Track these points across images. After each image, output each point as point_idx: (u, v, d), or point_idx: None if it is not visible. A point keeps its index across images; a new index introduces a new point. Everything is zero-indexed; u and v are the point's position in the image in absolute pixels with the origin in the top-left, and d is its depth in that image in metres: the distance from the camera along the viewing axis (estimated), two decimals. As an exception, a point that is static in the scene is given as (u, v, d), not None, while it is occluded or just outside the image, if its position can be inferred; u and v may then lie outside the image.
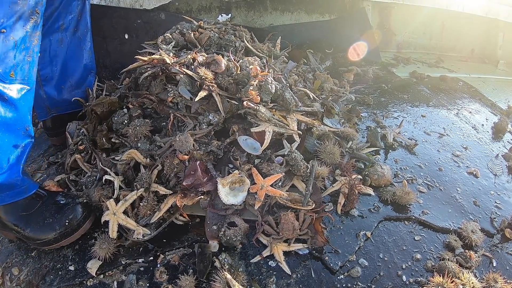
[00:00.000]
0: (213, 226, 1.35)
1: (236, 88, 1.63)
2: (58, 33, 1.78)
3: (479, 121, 2.25)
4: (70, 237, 1.36)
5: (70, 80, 1.91)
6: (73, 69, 1.91)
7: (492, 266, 1.34)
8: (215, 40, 2.02)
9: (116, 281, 1.26)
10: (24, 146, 1.31)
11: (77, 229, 1.37)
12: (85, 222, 1.39)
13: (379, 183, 1.57)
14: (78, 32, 1.86)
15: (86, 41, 1.94)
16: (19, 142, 1.28)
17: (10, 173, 1.25)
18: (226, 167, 1.50)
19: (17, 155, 1.28)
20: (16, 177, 1.29)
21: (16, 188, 1.30)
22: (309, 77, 2.16)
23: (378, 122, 2.02)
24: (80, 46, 1.91)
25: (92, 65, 2.01)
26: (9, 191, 1.29)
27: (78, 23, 1.85)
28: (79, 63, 1.93)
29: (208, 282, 1.20)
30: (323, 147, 1.59)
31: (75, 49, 1.88)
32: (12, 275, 1.34)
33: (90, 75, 2.00)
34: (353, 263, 1.28)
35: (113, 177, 1.45)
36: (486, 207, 1.58)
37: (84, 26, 1.88)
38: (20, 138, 1.29)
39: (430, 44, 3.58)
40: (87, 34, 1.93)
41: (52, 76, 1.83)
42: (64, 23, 1.78)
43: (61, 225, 1.33)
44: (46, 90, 1.84)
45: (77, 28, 1.85)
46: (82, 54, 1.93)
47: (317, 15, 2.89)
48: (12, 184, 1.28)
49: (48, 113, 1.91)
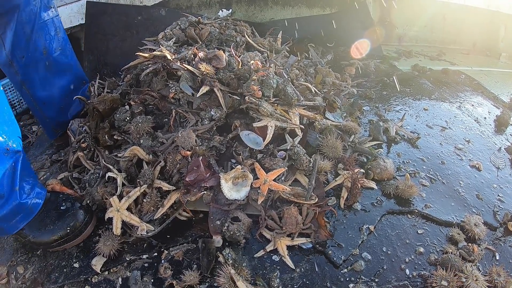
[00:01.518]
0: (216, 221, 1.35)
1: (238, 83, 1.63)
2: (42, 59, 1.71)
3: (481, 114, 2.24)
4: (72, 242, 1.36)
5: (68, 99, 1.86)
6: (67, 88, 1.85)
7: (495, 259, 1.35)
8: (216, 35, 2.01)
9: (120, 277, 1.26)
10: (13, 165, 1.23)
11: (79, 234, 1.36)
12: (87, 227, 1.39)
13: (381, 177, 1.57)
14: (60, 49, 1.79)
15: (71, 56, 1.87)
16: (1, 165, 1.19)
17: (7, 201, 1.22)
18: (229, 162, 1.50)
19: (7, 180, 1.21)
20: (14, 202, 1.24)
21: (20, 212, 1.28)
22: (310, 71, 2.15)
23: (380, 116, 2.01)
24: (67, 61, 1.85)
25: (82, 74, 1.97)
26: (16, 217, 1.27)
27: (59, 41, 1.77)
28: (70, 78, 1.87)
29: (212, 277, 1.21)
30: (325, 141, 1.58)
31: (63, 67, 1.82)
32: (17, 274, 1.34)
33: (83, 85, 1.97)
34: (356, 257, 1.28)
35: (116, 174, 1.45)
36: (489, 201, 1.58)
37: (63, 41, 1.81)
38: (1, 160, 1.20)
39: (432, 37, 3.56)
40: (69, 48, 1.86)
41: (50, 100, 1.80)
42: (45, 47, 1.70)
43: (62, 231, 1.32)
44: (47, 114, 1.82)
45: (60, 47, 1.78)
46: (70, 68, 1.87)
47: (318, 9, 2.88)
48: (14, 210, 1.25)
49: (55, 134, 1.92)
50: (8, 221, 1.27)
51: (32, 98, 1.74)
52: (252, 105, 1.52)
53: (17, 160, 1.25)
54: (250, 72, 1.58)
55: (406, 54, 3.16)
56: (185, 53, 1.68)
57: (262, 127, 1.51)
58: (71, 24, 2.40)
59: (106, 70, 2.44)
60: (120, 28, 2.43)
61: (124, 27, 2.43)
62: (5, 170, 1.21)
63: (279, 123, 1.54)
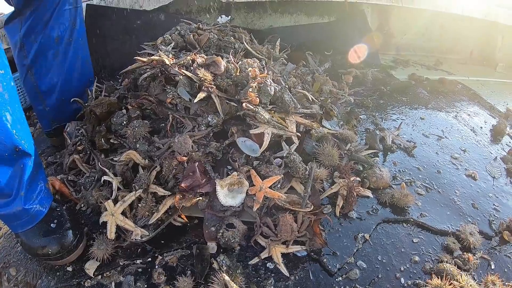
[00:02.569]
0: (211, 227, 1.35)
1: (235, 90, 1.63)
2: (53, 47, 1.73)
3: (477, 124, 2.25)
4: (60, 261, 1.30)
5: (70, 92, 1.86)
6: (72, 81, 1.86)
7: (490, 268, 1.34)
8: (214, 41, 2.02)
9: (113, 282, 1.25)
10: (21, 167, 1.18)
11: (68, 255, 1.30)
12: (76, 250, 1.32)
13: (377, 185, 1.57)
14: (73, 43, 1.80)
15: (82, 50, 1.88)
16: (6, 168, 1.14)
17: (10, 203, 1.19)
18: (225, 169, 1.50)
19: (12, 182, 1.17)
20: (18, 207, 1.20)
21: (22, 218, 1.24)
22: (308, 79, 2.16)
23: (377, 125, 2.02)
24: (77, 56, 1.85)
25: (90, 73, 1.97)
26: (17, 221, 1.24)
27: (72, 33, 1.78)
28: (77, 74, 1.88)
29: (206, 284, 1.20)
30: (321, 149, 1.59)
31: (72, 61, 1.82)
32: (9, 276, 1.33)
33: (90, 85, 1.97)
34: (351, 265, 1.28)
35: (112, 178, 1.45)
36: (484, 210, 1.58)
37: (78, 35, 1.82)
38: (7, 162, 1.15)
39: (429, 46, 3.59)
40: (83, 42, 1.87)
41: (52, 89, 1.80)
42: (58, 36, 1.72)
43: (44, 250, 1.26)
44: (47, 103, 1.82)
45: (72, 38, 1.79)
46: (79, 64, 1.88)
47: (316, 17, 2.90)
48: (16, 214, 1.21)
49: (51, 125, 1.91)
50: (8, 222, 1.26)
51: (36, 85, 1.75)
52: (249, 112, 1.52)
53: (26, 162, 1.20)
54: (248, 78, 1.59)
55: (403, 63, 3.19)
56: (183, 58, 1.68)
57: (258, 134, 1.51)
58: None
59: (104, 73, 2.45)
60: (119, 32, 2.43)
61: (123, 31, 2.44)
62: (11, 170, 1.16)
63: (276, 130, 1.54)
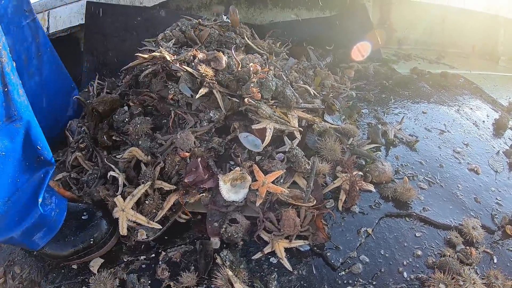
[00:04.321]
0: (214, 223, 1.35)
1: (237, 85, 1.62)
2: (26, 68, 1.59)
3: (480, 118, 2.25)
4: (94, 254, 1.28)
5: (56, 106, 1.78)
6: (54, 94, 1.77)
7: (493, 262, 1.35)
8: (215, 37, 2.01)
9: (118, 279, 1.26)
10: (42, 177, 1.14)
11: (102, 246, 1.29)
12: (111, 239, 1.32)
13: (380, 180, 1.57)
14: (42, 55, 1.68)
15: (54, 59, 1.79)
16: (24, 177, 1.09)
17: (29, 213, 1.13)
18: (227, 164, 1.50)
19: (32, 190, 1.12)
20: (36, 214, 1.14)
21: (44, 226, 1.18)
22: (309, 73, 2.15)
23: (379, 119, 2.01)
24: (51, 67, 1.76)
25: (69, 79, 1.91)
26: (39, 232, 1.18)
27: (39, 46, 1.66)
28: (57, 84, 1.80)
29: (210, 279, 1.20)
30: (324, 144, 1.59)
31: (48, 74, 1.72)
32: (14, 273, 1.34)
33: (72, 90, 1.92)
34: (354, 260, 1.28)
35: (118, 174, 1.45)
36: (487, 204, 1.58)
37: (45, 45, 1.70)
38: (28, 171, 1.10)
39: (431, 40, 3.57)
40: (51, 50, 1.77)
41: (38, 109, 1.73)
42: (25, 55, 1.58)
43: (85, 243, 1.24)
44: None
45: (40, 51, 1.67)
46: (56, 73, 1.79)
47: (317, 11, 2.88)
48: (37, 224, 1.16)
49: None
50: (30, 236, 1.17)
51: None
52: (251, 107, 1.52)
53: (47, 172, 1.17)
54: (250, 74, 1.58)
55: (405, 57, 3.17)
56: (184, 54, 1.68)
57: (261, 129, 1.51)
58: (71, 24, 2.41)
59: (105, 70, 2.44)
60: (120, 29, 2.42)
61: (124, 28, 2.43)
62: (31, 179, 1.12)
63: (278, 125, 1.54)
